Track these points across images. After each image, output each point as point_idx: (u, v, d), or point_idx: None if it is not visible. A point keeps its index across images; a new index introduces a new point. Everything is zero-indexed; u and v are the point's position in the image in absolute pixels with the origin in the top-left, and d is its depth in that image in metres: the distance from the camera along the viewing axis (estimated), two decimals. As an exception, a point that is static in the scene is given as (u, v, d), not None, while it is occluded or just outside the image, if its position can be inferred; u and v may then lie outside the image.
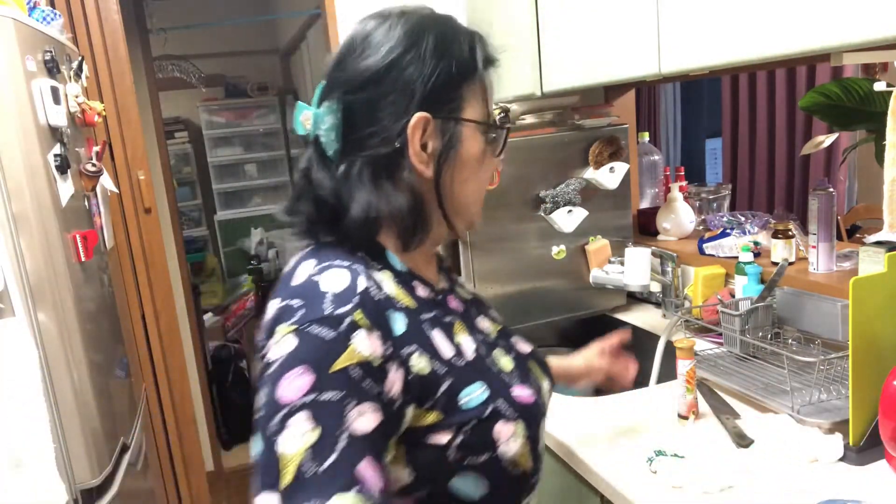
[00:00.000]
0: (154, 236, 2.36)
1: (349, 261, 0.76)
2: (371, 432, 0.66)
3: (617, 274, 1.90)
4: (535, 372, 0.89)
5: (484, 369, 0.79)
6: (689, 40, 1.30)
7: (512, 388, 0.79)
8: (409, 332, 0.74)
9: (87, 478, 1.46)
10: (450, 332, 0.80)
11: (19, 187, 1.35)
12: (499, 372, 0.81)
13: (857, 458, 1.11)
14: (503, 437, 0.74)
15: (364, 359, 0.67)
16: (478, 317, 0.90)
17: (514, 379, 0.81)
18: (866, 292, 1.08)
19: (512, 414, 0.76)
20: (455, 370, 0.76)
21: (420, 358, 0.73)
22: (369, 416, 0.66)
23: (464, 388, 0.75)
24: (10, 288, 1.35)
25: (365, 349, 0.68)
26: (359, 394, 0.66)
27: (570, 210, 1.89)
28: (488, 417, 0.74)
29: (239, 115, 5.20)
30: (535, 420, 0.79)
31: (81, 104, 1.64)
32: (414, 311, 0.77)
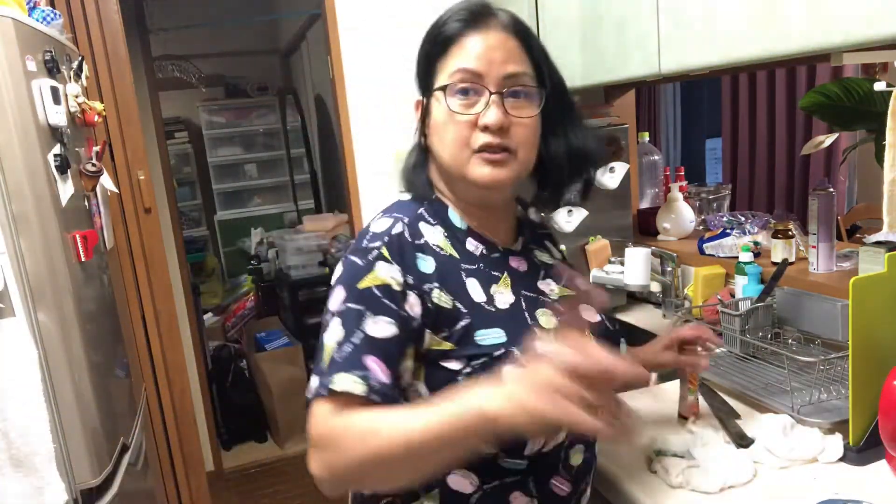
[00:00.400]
0: (154, 236, 2.36)
1: (404, 212, 0.93)
2: (384, 338, 0.82)
3: (617, 274, 1.90)
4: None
5: (513, 319, 0.89)
6: (689, 40, 1.30)
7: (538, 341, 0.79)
8: (437, 273, 0.88)
9: (87, 478, 1.46)
10: (488, 283, 0.91)
11: (19, 187, 1.35)
12: (532, 325, 0.90)
13: (857, 458, 1.11)
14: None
15: (383, 282, 0.84)
16: (545, 279, 0.99)
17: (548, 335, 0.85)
18: (866, 292, 1.08)
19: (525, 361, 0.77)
20: (479, 313, 0.88)
21: (442, 294, 0.87)
22: (383, 325, 0.82)
23: (482, 328, 0.87)
24: (10, 288, 1.35)
25: (385, 275, 0.85)
26: (376, 307, 0.83)
27: (570, 210, 1.89)
28: (498, 357, 0.85)
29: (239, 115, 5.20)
30: None
31: (81, 104, 1.64)
32: (453, 259, 0.91)
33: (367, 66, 2.26)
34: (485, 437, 0.73)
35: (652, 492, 1.09)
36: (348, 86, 2.25)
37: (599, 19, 1.58)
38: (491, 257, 0.95)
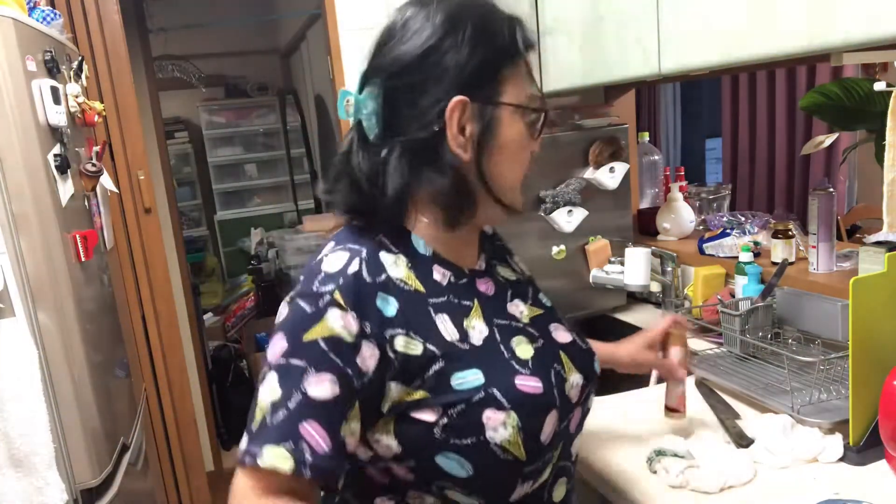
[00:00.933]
0: (154, 236, 2.36)
1: (360, 244, 0.80)
2: (326, 400, 0.72)
3: (617, 274, 1.90)
4: (565, 363, 0.86)
5: (488, 356, 0.80)
6: (689, 40, 1.30)
7: (517, 376, 0.79)
8: (402, 315, 0.77)
9: (87, 478, 1.46)
10: (461, 316, 0.81)
11: (19, 187, 1.35)
12: (509, 359, 0.81)
13: (857, 458, 1.11)
14: (491, 424, 0.75)
15: (333, 333, 0.73)
16: (513, 300, 0.90)
17: (526, 368, 0.81)
18: (866, 292, 1.08)
19: (505, 403, 0.76)
20: (453, 354, 0.78)
21: (409, 339, 0.76)
22: (326, 386, 0.72)
23: (458, 371, 0.77)
24: (10, 288, 1.35)
25: (336, 325, 0.73)
26: (321, 363, 0.72)
27: (570, 210, 1.89)
28: (478, 403, 0.75)
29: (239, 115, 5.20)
30: (537, 411, 0.78)
31: (81, 104, 1.64)
32: (419, 294, 0.80)
33: (367, 66, 2.26)
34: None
35: (652, 492, 1.09)
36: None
37: (599, 19, 1.58)
38: (459, 284, 0.85)
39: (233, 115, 5.18)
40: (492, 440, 0.75)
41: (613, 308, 2.06)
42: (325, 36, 2.29)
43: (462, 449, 0.75)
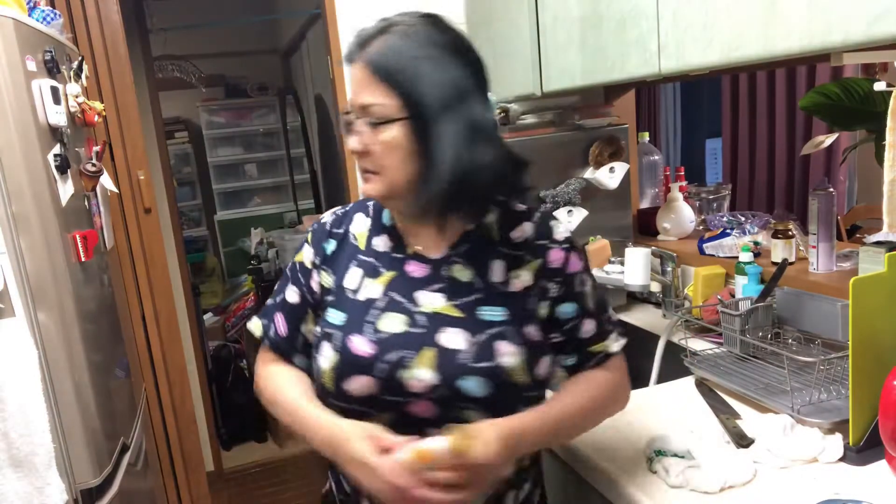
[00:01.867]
0: (154, 236, 2.36)
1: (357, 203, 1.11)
2: (291, 302, 1.07)
3: (617, 274, 1.90)
4: (421, 357, 0.94)
5: (359, 310, 1.00)
6: (689, 40, 1.30)
7: (357, 335, 0.97)
8: (333, 256, 1.06)
9: (87, 478, 1.46)
10: (368, 275, 1.02)
11: (19, 187, 1.35)
12: (368, 321, 0.98)
13: (857, 458, 1.11)
14: (321, 353, 1.00)
15: (301, 260, 1.08)
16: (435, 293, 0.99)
17: (374, 334, 0.97)
18: (866, 292, 1.08)
19: (337, 345, 0.98)
20: (340, 295, 1.03)
21: (326, 275, 1.06)
22: (293, 293, 1.08)
23: (334, 308, 1.02)
24: (10, 288, 1.35)
25: (304, 255, 1.08)
26: (293, 278, 1.08)
27: (570, 210, 1.89)
28: (324, 335, 1.01)
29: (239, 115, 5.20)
30: (353, 365, 0.96)
31: (81, 104, 1.64)
32: (356, 248, 1.05)
33: (367, 66, 2.26)
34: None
35: (652, 492, 1.09)
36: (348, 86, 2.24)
37: (599, 19, 1.58)
38: (391, 256, 1.03)
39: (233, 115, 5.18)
40: (318, 363, 1.00)
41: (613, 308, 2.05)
42: (325, 36, 2.29)
43: (315, 359, 1.02)
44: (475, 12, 2.26)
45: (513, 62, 2.01)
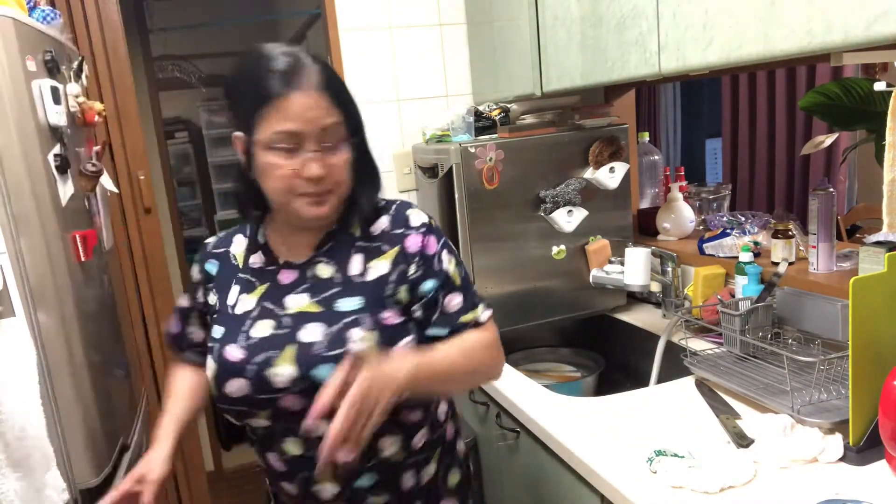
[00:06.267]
0: (154, 236, 2.36)
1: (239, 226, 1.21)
2: (182, 306, 1.22)
3: (617, 274, 1.90)
4: (284, 355, 1.03)
5: (234, 323, 1.09)
6: (689, 40, 1.30)
7: (231, 344, 1.07)
8: (217, 276, 1.16)
9: (87, 478, 1.46)
10: (244, 290, 1.12)
11: (19, 187, 1.35)
12: (242, 330, 1.08)
13: (857, 458, 1.11)
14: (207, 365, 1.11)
15: (193, 275, 1.20)
16: (300, 293, 1.08)
17: (244, 341, 1.06)
18: (866, 292, 1.08)
19: (215, 356, 1.08)
20: (222, 312, 1.12)
21: (212, 293, 1.16)
22: (184, 298, 1.22)
23: (217, 324, 1.11)
24: (10, 288, 1.35)
25: (194, 270, 1.20)
26: (187, 287, 1.22)
27: (570, 210, 1.89)
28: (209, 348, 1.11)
29: (239, 115, 5.19)
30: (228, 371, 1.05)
31: (81, 104, 1.64)
32: (236, 267, 1.15)
33: (367, 66, 2.26)
34: None
35: (652, 492, 1.09)
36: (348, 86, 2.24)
37: (599, 19, 1.58)
38: (265, 270, 1.12)
39: (233, 115, 5.17)
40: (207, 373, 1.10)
41: (613, 308, 2.06)
42: (325, 36, 2.28)
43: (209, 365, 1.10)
44: (475, 12, 2.26)
45: (513, 62, 2.01)
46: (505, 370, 1.17)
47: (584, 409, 1.44)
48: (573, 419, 1.39)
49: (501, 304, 1.89)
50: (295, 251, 1.12)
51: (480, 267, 1.88)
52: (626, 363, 1.98)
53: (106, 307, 1.77)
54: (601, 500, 1.21)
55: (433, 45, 2.31)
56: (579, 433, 1.32)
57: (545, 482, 1.46)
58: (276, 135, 0.98)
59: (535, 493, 1.53)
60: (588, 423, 1.37)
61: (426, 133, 2.18)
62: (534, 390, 1.57)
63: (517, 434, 1.56)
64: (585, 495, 1.27)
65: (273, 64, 1.00)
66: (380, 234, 1.11)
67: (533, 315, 1.95)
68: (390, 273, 1.07)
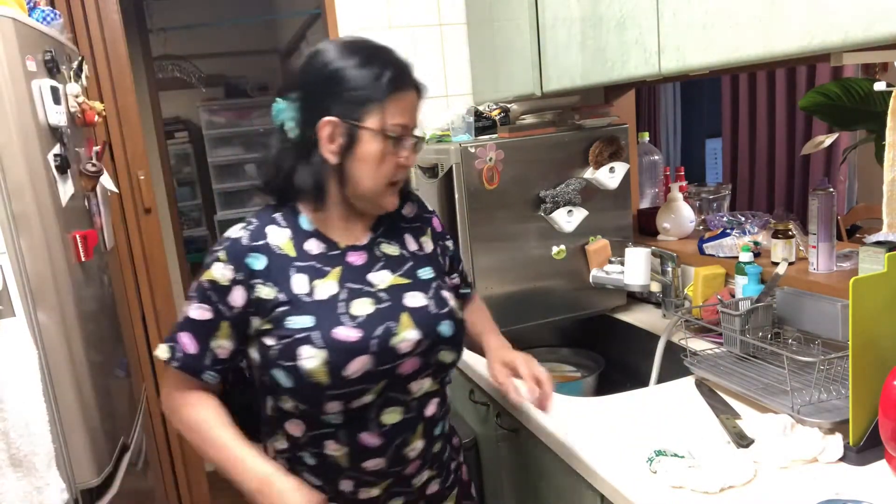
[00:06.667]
0: (154, 236, 2.36)
1: (259, 219, 1.14)
2: (198, 320, 1.09)
3: (617, 274, 1.90)
4: (402, 322, 1.11)
5: (325, 308, 1.08)
6: (689, 40, 1.30)
7: (339, 326, 1.07)
8: (268, 269, 1.09)
9: (87, 478, 1.46)
10: (315, 277, 1.11)
11: (19, 187, 1.35)
12: (342, 313, 1.09)
13: (857, 458, 1.11)
14: (303, 356, 1.05)
15: (212, 278, 1.08)
16: (380, 270, 1.16)
17: (352, 321, 1.08)
18: (866, 292, 1.08)
19: (319, 343, 1.05)
20: (296, 302, 1.08)
21: (264, 287, 1.08)
22: (202, 311, 1.09)
23: (293, 315, 1.07)
24: (10, 288, 1.35)
25: (217, 274, 1.08)
26: (199, 297, 1.09)
27: (570, 210, 1.89)
28: (298, 340, 1.06)
29: (239, 115, 5.19)
30: (347, 352, 1.06)
31: (81, 104, 1.64)
32: (287, 257, 1.11)
33: (367, 66, 2.26)
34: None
35: (652, 492, 1.09)
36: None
37: (599, 19, 1.58)
38: (328, 255, 1.13)
39: (233, 115, 5.17)
40: (301, 367, 1.05)
41: (613, 308, 2.06)
42: (325, 36, 2.29)
43: (285, 368, 1.06)
44: (475, 12, 2.26)
45: (513, 62, 2.01)
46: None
47: (584, 409, 1.44)
48: (573, 419, 1.39)
49: (501, 304, 1.89)
50: (352, 235, 1.16)
51: (480, 267, 1.88)
52: (626, 363, 1.98)
53: (106, 307, 1.77)
54: (601, 499, 1.21)
55: (433, 45, 2.32)
56: (579, 433, 1.32)
57: (545, 482, 1.46)
58: (393, 126, 1.07)
59: (535, 492, 1.53)
60: (588, 423, 1.36)
61: (426, 133, 2.18)
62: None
63: (517, 434, 1.56)
64: (585, 495, 1.27)
65: (393, 59, 1.09)
66: (414, 217, 1.26)
67: (533, 315, 1.95)
68: (435, 248, 1.26)
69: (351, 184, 1.10)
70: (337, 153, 1.08)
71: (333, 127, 1.06)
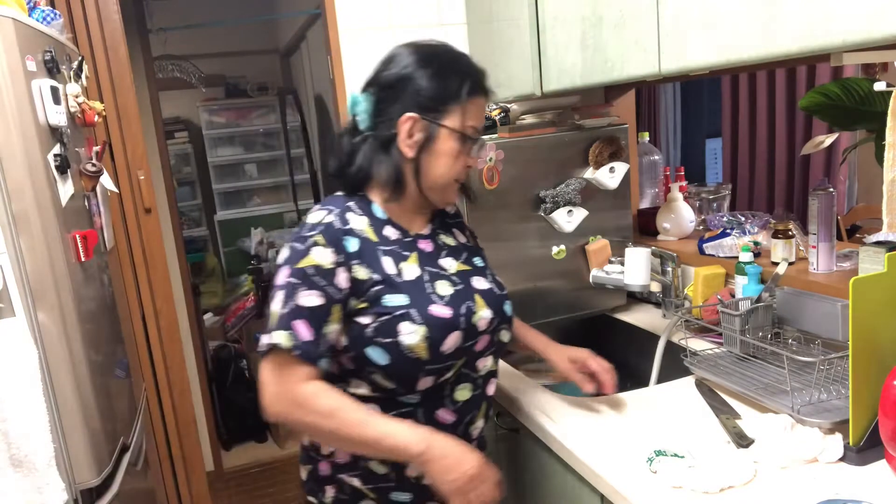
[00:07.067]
0: (154, 236, 2.36)
1: (335, 205, 1.18)
2: (311, 307, 1.09)
3: (617, 274, 1.90)
4: (477, 302, 1.22)
5: (415, 288, 1.16)
6: (689, 40, 1.30)
7: (432, 304, 1.15)
8: (360, 251, 1.14)
9: (87, 478, 1.46)
10: (399, 259, 1.18)
11: (19, 187, 1.35)
12: (430, 293, 1.17)
13: (857, 458, 1.11)
14: (404, 332, 1.12)
15: (315, 263, 1.10)
16: (446, 258, 1.26)
17: (440, 300, 1.16)
18: (866, 292, 1.08)
19: (418, 319, 1.12)
20: (389, 281, 1.14)
21: (360, 268, 1.13)
22: (312, 297, 1.09)
23: (389, 294, 1.13)
24: (10, 288, 1.35)
25: (319, 257, 1.10)
26: (308, 283, 1.09)
27: (570, 210, 1.89)
28: (398, 316, 1.12)
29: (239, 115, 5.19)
30: (443, 328, 1.14)
31: (81, 104, 1.64)
32: (372, 241, 1.17)
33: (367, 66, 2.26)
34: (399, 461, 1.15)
35: (652, 492, 1.09)
36: (348, 86, 2.25)
37: (599, 19, 1.58)
38: (404, 241, 1.21)
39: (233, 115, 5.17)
40: (402, 342, 1.11)
41: (613, 308, 2.06)
42: (325, 36, 2.29)
43: (383, 345, 1.12)
44: (475, 12, 2.26)
45: (513, 62, 2.01)
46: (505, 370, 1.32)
47: (584, 409, 1.44)
48: (573, 419, 1.39)
49: (501, 304, 1.88)
50: (416, 225, 1.26)
51: (480, 267, 1.88)
52: (626, 363, 1.97)
53: (106, 307, 1.77)
54: (601, 499, 1.21)
55: (433, 45, 2.31)
56: (579, 433, 1.32)
57: (545, 482, 1.46)
58: (470, 127, 1.18)
59: (535, 492, 1.53)
60: (588, 423, 1.37)
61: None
62: (534, 390, 1.56)
63: (517, 434, 1.56)
64: (585, 495, 1.27)
65: (473, 64, 1.20)
66: (455, 214, 1.40)
67: (533, 315, 1.95)
68: (474, 241, 1.40)
69: (424, 177, 1.18)
70: (414, 147, 1.16)
71: (414, 122, 1.14)
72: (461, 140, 1.17)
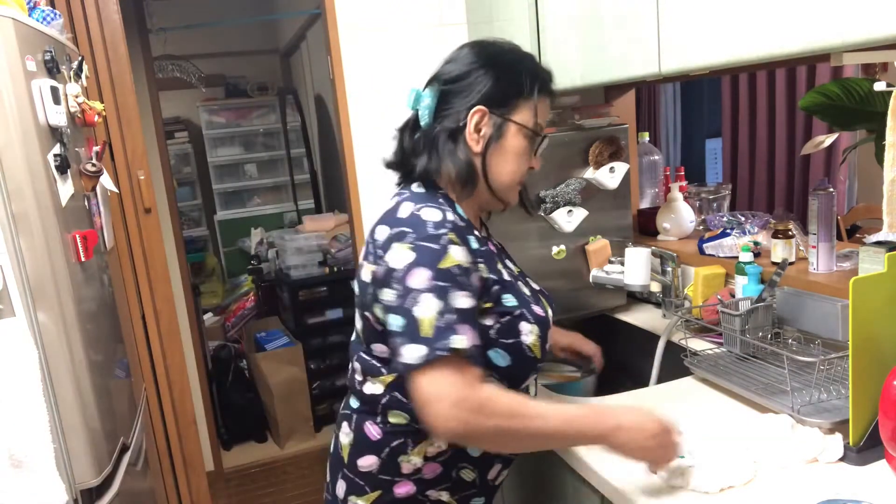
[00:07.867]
0: (154, 236, 2.36)
1: (435, 202, 1.10)
2: (467, 308, 1.01)
3: (617, 274, 1.90)
4: (545, 302, 1.22)
5: (515, 288, 1.14)
6: (689, 40, 1.30)
7: (532, 304, 1.15)
8: (480, 251, 1.11)
9: (87, 478, 1.46)
10: (495, 261, 1.15)
11: (19, 187, 1.35)
12: (523, 294, 1.15)
13: (857, 458, 1.11)
14: (524, 332, 1.11)
15: (458, 262, 1.02)
16: (506, 259, 1.25)
17: (532, 300, 1.16)
18: (866, 292, 1.08)
19: (531, 318, 1.12)
20: (502, 281, 1.12)
21: (484, 267, 1.10)
22: (466, 299, 1.02)
23: (505, 293, 1.11)
24: (10, 288, 1.35)
25: (458, 257, 1.03)
26: (458, 284, 1.01)
27: (570, 210, 1.89)
28: (517, 316, 1.11)
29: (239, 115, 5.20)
30: (545, 327, 1.15)
31: (81, 104, 1.64)
32: (481, 239, 1.14)
33: (367, 66, 2.26)
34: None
35: (652, 492, 1.09)
36: (348, 86, 2.25)
37: (599, 19, 1.58)
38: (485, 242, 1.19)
39: (233, 115, 5.18)
40: (524, 342, 1.10)
41: (613, 308, 2.06)
42: (325, 36, 2.29)
43: (506, 346, 1.10)
44: (475, 12, 2.26)
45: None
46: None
47: (584, 409, 1.44)
48: (573, 419, 1.39)
49: (501, 304, 1.89)
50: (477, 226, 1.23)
51: (480, 267, 1.88)
52: (626, 363, 1.98)
53: (106, 307, 1.77)
54: (601, 499, 1.21)
55: (433, 45, 2.32)
56: (579, 433, 1.32)
57: (545, 482, 1.46)
58: (538, 125, 1.15)
59: (535, 492, 1.53)
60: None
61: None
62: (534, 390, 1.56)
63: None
64: (585, 495, 1.27)
65: (541, 64, 1.18)
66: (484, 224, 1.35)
67: (533, 315, 1.95)
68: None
69: (492, 176, 1.14)
70: (481, 142, 1.12)
71: (482, 116, 1.11)
72: (530, 137, 1.14)
